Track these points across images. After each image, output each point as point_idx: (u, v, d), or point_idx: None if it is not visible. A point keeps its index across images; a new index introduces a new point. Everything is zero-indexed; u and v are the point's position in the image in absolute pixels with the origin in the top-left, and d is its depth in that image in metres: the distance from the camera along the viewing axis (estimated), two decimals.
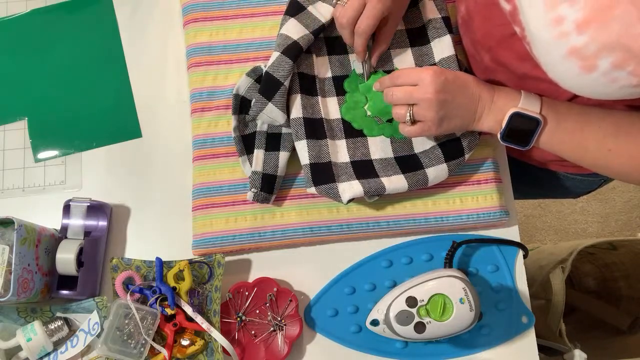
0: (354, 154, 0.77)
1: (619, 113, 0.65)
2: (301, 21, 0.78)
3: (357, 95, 0.79)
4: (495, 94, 0.69)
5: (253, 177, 0.75)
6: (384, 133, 0.78)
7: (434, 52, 0.80)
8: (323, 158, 0.75)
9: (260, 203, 0.76)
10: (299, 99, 0.76)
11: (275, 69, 0.74)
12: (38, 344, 0.70)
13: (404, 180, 0.74)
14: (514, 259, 0.78)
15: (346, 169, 0.75)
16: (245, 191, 0.77)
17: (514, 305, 0.76)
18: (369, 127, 0.78)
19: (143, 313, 0.71)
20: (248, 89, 0.78)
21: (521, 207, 1.87)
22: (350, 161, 0.76)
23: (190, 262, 0.74)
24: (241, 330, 0.74)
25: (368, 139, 0.78)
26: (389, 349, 0.74)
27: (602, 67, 0.47)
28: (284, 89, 0.74)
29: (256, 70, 0.78)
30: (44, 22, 0.87)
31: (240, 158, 0.77)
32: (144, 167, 0.82)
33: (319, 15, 0.79)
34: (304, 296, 0.77)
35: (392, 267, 0.77)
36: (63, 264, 0.72)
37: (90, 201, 0.76)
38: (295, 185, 0.78)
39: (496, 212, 0.77)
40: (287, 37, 0.76)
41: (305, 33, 0.77)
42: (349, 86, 0.80)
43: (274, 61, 0.75)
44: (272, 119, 0.76)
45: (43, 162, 0.82)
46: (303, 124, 0.75)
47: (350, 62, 0.81)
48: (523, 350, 0.75)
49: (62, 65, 0.85)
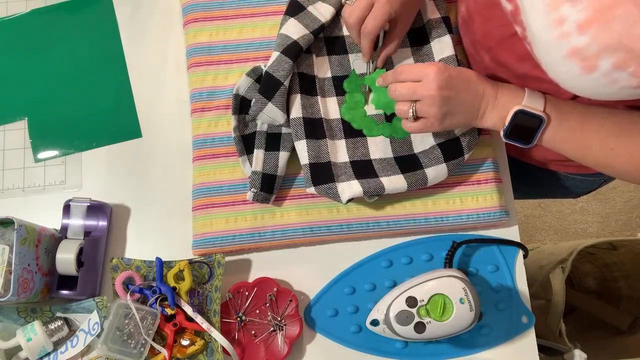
0: (354, 154, 0.77)
1: (620, 113, 0.65)
2: (301, 21, 0.78)
3: (357, 95, 0.80)
4: (499, 91, 0.69)
5: (253, 177, 0.75)
6: (383, 133, 0.78)
7: (434, 51, 0.80)
8: (322, 158, 0.75)
9: (260, 203, 0.76)
10: (298, 99, 0.76)
11: (275, 68, 0.74)
12: (38, 344, 0.70)
13: (404, 180, 0.74)
14: (514, 259, 0.78)
15: (345, 168, 0.75)
16: (245, 191, 0.77)
17: (514, 305, 0.76)
18: (368, 127, 0.78)
19: (143, 313, 0.71)
20: (248, 89, 0.78)
21: (521, 207, 1.87)
22: (350, 161, 0.76)
23: (190, 262, 0.74)
24: (241, 330, 0.74)
25: (367, 139, 0.78)
26: (389, 349, 0.74)
27: (603, 68, 0.47)
28: (283, 88, 0.74)
29: (256, 70, 0.78)
30: (44, 22, 0.87)
31: (240, 158, 0.77)
32: (144, 167, 0.82)
33: (319, 15, 0.79)
34: (304, 296, 0.77)
35: (392, 267, 0.77)
36: (63, 264, 0.72)
37: (90, 201, 0.76)
38: (295, 185, 0.78)
39: (496, 212, 0.77)
40: (287, 37, 0.76)
41: (305, 33, 0.77)
42: (348, 86, 0.80)
43: (274, 61, 0.75)
44: (272, 119, 0.76)
45: (43, 162, 0.82)
46: (303, 124, 0.75)
47: (350, 62, 0.81)
48: (523, 350, 0.75)
49: (62, 65, 0.85)
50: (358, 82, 0.80)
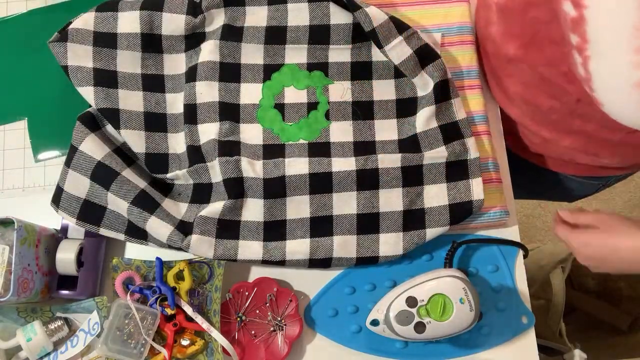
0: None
1: None
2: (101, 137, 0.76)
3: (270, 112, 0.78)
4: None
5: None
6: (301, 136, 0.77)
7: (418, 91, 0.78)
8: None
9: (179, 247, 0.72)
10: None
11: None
12: (38, 344, 0.70)
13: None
14: (514, 259, 0.78)
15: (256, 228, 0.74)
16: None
17: (514, 305, 0.76)
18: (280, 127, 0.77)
19: (143, 313, 0.71)
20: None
21: (521, 207, 1.87)
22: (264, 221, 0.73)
23: (190, 262, 0.74)
24: (241, 330, 0.74)
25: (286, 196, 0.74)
26: (389, 349, 0.74)
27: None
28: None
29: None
30: (44, 22, 0.87)
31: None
32: None
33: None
34: (304, 296, 0.77)
35: (392, 267, 0.77)
36: (63, 264, 0.72)
37: None
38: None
39: (496, 212, 0.77)
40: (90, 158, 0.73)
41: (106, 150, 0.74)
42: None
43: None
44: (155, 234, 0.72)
45: (43, 162, 0.82)
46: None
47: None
48: (523, 350, 0.75)
49: None
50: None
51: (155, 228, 0.71)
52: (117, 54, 0.76)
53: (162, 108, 0.78)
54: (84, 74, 0.75)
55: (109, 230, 0.73)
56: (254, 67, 0.78)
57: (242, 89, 0.78)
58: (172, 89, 0.78)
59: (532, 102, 0.76)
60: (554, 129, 0.78)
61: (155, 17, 0.77)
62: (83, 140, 0.73)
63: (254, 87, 0.78)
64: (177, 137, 0.77)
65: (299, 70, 0.79)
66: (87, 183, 0.73)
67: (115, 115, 0.75)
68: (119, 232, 0.73)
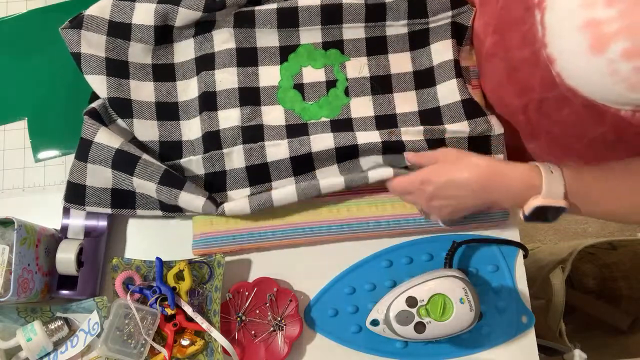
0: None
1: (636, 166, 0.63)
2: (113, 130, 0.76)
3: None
4: (512, 182, 0.65)
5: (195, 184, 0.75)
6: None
7: (433, 55, 0.79)
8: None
9: (218, 213, 0.74)
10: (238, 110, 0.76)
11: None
12: (38, 344, 0.70)
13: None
14: (514, 259, 0.78)
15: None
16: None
17: (514, 305, 0.76)
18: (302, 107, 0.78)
19: (143, 313, 0.71)
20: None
21: None
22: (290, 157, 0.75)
23: (190, 262, 0.74)
24: (241, 330, 0.74)
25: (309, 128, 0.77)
26: (389, 349, 0.74)
27: (612, 52, 0.45)
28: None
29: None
30: (44, 22, 0.87)
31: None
32: None
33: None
34: (304, 296, 0.77)
35: (392, 267, 0.77)
36: (63, 264, 0.72)
37: None
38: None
39: (496, 212, 0.77)
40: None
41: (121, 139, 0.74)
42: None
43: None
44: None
45: (43, 162, 0.82)
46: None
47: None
48: (523, 350, 0.75)
49: (62, 65, 0.85)
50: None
51: (189, 201, 0.73)
52: (129, 45, 0.77)
53: (174, 97, 0.79)
54: (97, 62, 0.75)
55: (145, 210, 0.75)
56: (270, 50, 0.79)
57: (260, 72, 0.78)
58: (182, 76, 0.79)
59: (502, 102, 0.76)
60: (522, 131, 0.78)
61: (170, 11, 0.76)
62: (96, 132, 0.74)
63: (271, 69, 0.79)
64: (190, 123, 0.78)
65: (314, 50, 0.79)
66: (110, 173, 0.73)
67: (127, 105, 0.76)
68: (156, 210, 0.75)
